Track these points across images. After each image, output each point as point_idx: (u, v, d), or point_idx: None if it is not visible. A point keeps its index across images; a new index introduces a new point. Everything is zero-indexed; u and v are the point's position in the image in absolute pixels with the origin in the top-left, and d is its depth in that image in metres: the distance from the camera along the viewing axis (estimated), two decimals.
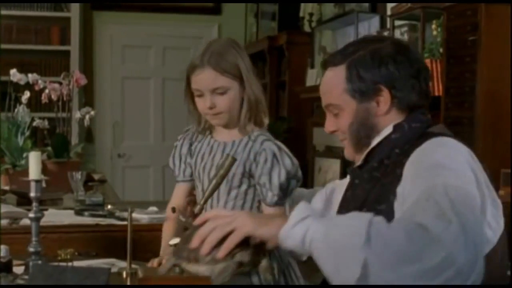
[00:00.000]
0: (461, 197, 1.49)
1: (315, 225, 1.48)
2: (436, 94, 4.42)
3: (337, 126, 1.88)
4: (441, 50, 4.44)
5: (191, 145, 2.31)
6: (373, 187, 1.75)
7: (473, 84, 4.08)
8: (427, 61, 4.48)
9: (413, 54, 1.86)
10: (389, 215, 1.63)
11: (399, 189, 1.65)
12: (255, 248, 1.54)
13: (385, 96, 1.80)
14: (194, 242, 1.56)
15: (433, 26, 4.62)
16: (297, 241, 1.49)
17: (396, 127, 1.80)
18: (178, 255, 1.59)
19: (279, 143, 2.16)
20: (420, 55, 1.95)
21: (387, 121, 1.81)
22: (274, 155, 2.11)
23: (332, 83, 1.86)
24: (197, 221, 1.62)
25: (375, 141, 1.82)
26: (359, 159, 1.87)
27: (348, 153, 1.91)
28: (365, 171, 1.83)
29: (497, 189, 3.87)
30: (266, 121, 2.21)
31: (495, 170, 3.91)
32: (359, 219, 1.44)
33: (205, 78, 2.13)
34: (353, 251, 1.39)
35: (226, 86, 2.13)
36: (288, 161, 2.11)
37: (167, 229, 2.30)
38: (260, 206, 2.16)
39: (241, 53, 2.18)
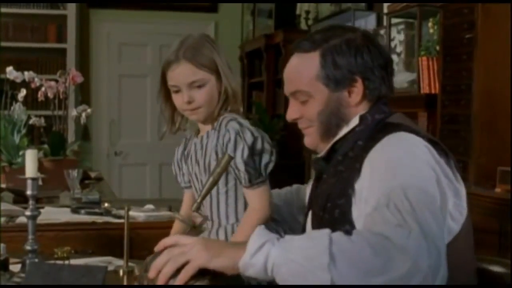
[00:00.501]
0: (421, 198, 1.49)
1: (275, 251, 1.45)
2: (433, 92, 4.43)
3: (302, 113, 1.85)
4: (437, 48, 4.44)
5: (184, 149, 2.28)
6: (336, 181, 1.74)
7: (469, 82, 4.08)
8: (424, 59, 4.49)
9: (382, 46, 1.86)
10: (347, 209, 1.66)
11: (358, 185, 1.65)
12: (213, 276, 1.51)
13: (358, 87, 1.79)
14: (151, 273, 1.54)
15: (430, 24, 4.62)
16: (259, 269, 1.47)
17: (361, 119, 1.79)
18: (140, 281, 1.58)
19: (242, 120, 2.11)
20: (386, 47, 1.95)
21: (356, 112, 1.81)
22: (237, 133, 2.07)
23: (302, 69, 1.82)
24: (157, 247, 1.60)
25: (343, 132, 1.81)
26: (322, 149, 1.86)
27: (311, 142, 1.87)
28: (331, 165, 1.81)
29: (493, 186, 3.89)
30: (240, 109, 2.19)
31: (492, 168, 3.92)
32: (319, 239, 1.43)
33: (182, 73, 2.12)
34: (318, 273, 1.38)
35: (203, 79, 2.11)
36: (248, 135, 2.06)
37: (174, 228, 2.30)
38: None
39: (216, 47, 2.15)
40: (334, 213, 1.69)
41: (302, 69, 1.82)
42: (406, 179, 1.54)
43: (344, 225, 1.65)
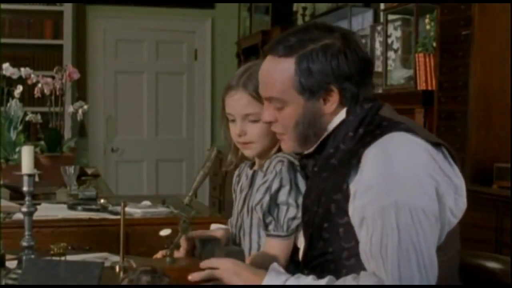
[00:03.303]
0: (410, 222, 1.55)
1: None
2: (430, 88, 4.43)
3: (277, 118, 1.80)
4: (434, 44, 4.44)
5: (239, 175, 2.18)
6: (330, 175, 1.73)
7: (466, 78, 4.08)
8: (421, 55, 4.49)
9: (360, 47, 1.78)
10: (343, 204, 1.67)
11: (354, 182, 1.65)
12: None
13: (334, 97, 1.74)
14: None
15: (427, 21, 4.62)
16: None
17: (348, 111, 1.75)
18: None
19: (288, 163, 1.94)
20: (364, 46, 1.88)
21: (332, 119, 1.77)
22: (276, 174, 1.93)
23: (276, 76, 1.77)
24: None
25: (330, 129, 1.77)
26: (301, 151, 1.84)
27: (288, 148, 1.85)
28: (323, 157, 1.79)
29: (490, 183, 3.90)
30: None
31: (488, 164, 3.92)
32: None
33: (237, 102, 1.99)
34: None
35: (259, 113, 1.94)
36: (276, 183, 1.92)
37: None
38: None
39: None
40: (330, 208, 1.70)
41: (277, 76, 1.77)
42: (401, 198, 1.57)
43: (343, 218, 1.67)
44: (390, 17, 5.00)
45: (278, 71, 1.76)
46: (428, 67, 4.45)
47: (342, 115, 1.76)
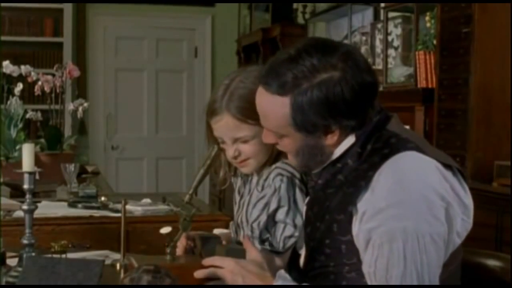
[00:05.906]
0: (416, 251, 1.55)
1: None
2: (430, 86, 4.43)
3: (278, 142, 1.75)
4: (434, 42, 4.44)
5: (235, 174, 2.15)
6: (335, 193, 1.68)
7: (466, 76, 4.08)
8: (421, 53, 4.49)
9: (363, 68, 1.66)
10: (346, 225, 1.64)
11: (361, 204, 1.62)
12: None
13: (335, 132, 1.68)
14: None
15: (427, 18, 4.62)
16: None
17: (357, 136, 1.70)
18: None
19: (287, 178, 1.94)
20: (368, 62, 1.76)
21: (337, 146, 1.70)
22: (274, 191, 1.93)
23: (272, 113, 1.69)
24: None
25: (337, 154, 1.71)
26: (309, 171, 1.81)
27: (293, 164, 1.83)
28: (328, 171, 1.74)
29: (490, 181, 3.90)
30: None
31: (489, 162, 3.92)
32: None
33: (224, 127, 1.94)
34: None
35: (248, 135, 1.93)
36: (274, 202, 1.93)
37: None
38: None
39: None
40: (332, 227, 1.67)
41: (271, 112, 1.69)
42: (410, 224, 1.55)
43: (345, 236, 1.65)
44: (391, 14, 5.00)
45: (273, 108, 1.68)
46: (428, 65, 4.44)
47: (348, 141, 1.70)
